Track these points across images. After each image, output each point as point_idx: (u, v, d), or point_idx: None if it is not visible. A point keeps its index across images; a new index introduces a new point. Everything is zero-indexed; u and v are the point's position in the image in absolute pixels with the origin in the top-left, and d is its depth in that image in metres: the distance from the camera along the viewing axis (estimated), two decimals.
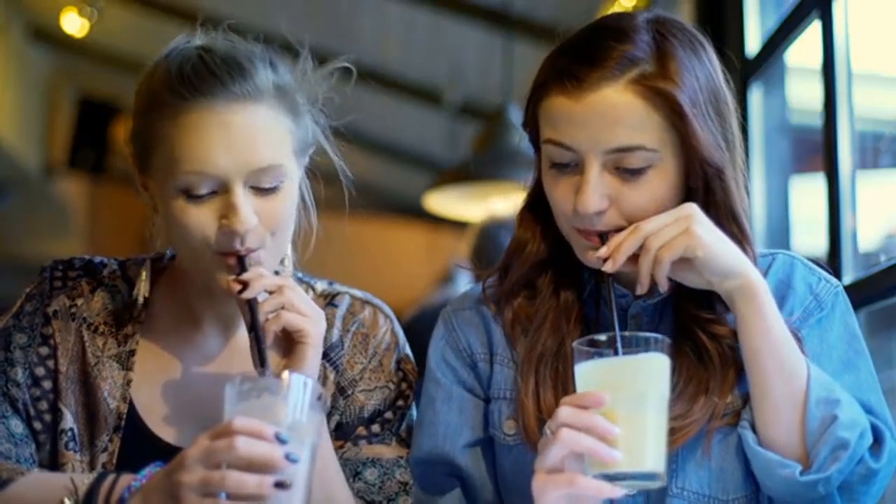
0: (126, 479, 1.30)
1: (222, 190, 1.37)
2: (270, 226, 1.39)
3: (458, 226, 5.71)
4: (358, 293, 1.60)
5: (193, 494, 1.17)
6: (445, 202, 4.66)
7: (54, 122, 7.76)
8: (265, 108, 1.39)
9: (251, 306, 1.36)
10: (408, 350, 1.60)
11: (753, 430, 1.33)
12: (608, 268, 1.33)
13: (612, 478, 1.19)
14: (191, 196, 1.37)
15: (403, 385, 1.56)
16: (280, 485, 1.16)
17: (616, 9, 3.77)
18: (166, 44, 1.46)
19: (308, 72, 1.49)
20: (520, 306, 1.47)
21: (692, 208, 1.32)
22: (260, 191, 1.38)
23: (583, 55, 1.34)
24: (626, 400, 1.20)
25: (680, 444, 1.34)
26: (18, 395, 1.45)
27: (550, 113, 1.35)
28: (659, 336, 1.23)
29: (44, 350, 1.48)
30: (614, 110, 1.31)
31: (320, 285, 1.59)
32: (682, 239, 1.30)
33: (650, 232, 1.31)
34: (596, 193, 1.33)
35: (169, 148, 1.37)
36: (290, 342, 1.39)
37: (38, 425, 1.46)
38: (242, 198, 1.36)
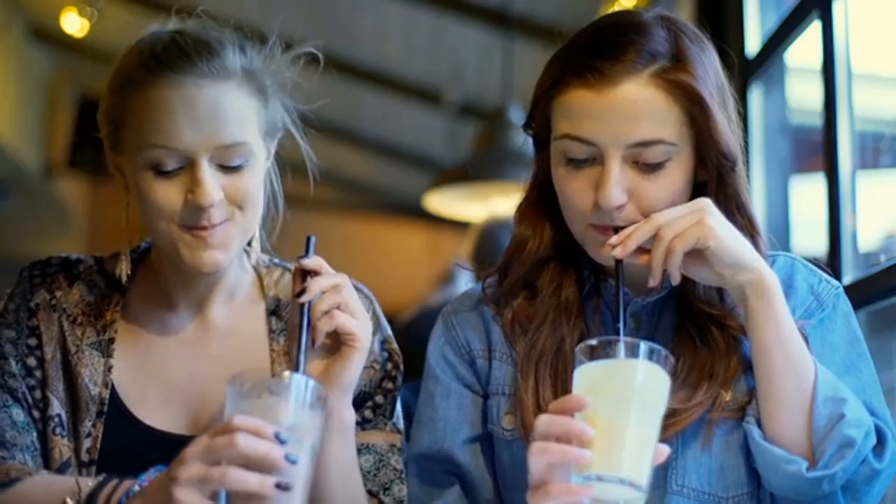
0: (129, 483, 1.31)
1: (188, 165, 1.40)
2: (237, 201, 1.42)
3: (458, 226, 5.71)
4: None
5: (190, 489, 1.16)
6: (445, 202, 4.66)
7: (54, 122, 7.75)
8: (233, 88, 1.42)
9: (301, 309, 1.35)
10: (390, 332, 1.60)
11: (758, 425, 1.33)
12: (618, 253, 1.32)
13: (588, 479, 1.15)
14: (158, 171, 1.40)
15: (389, 365, 1.57)
16: (280, 486, 1.16)
17: (616, 9, 3.77)
18: None
19: (276, 56, 1.51)
20: (519, 306, 1.47)
21: (705, 202, 1.33)
22: (226, 168, 1.41)
23: (604, 49, 1.34)
24: (606, 403, 1.17)
25: (681, 427, 1.34)
26: (16, 385, 1.47)
27: (569, 108, 1.35)
28: (658, 347, 1.19)
29: (32, 341, 1.50)
30: (636, 105, 1.32)
31: None
32: (695, 230, 1.30)
33: (663, 222, 1.31)
34: (618, 187, 1.33)
35: (137, 123, 1.41)
36: (334, 343, 1.38)
37: (36, 414, 1.47)
38: (207, 173, 1.39)
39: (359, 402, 1.52)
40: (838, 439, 1.28)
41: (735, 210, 1.39)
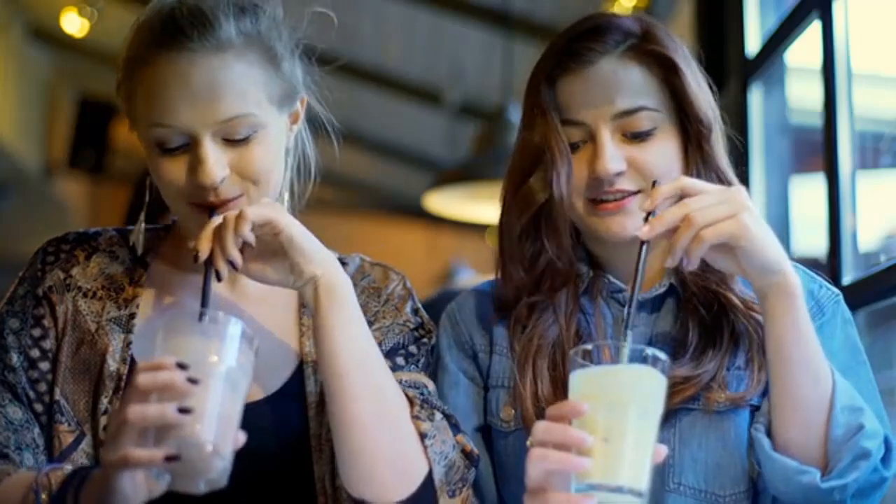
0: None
1: (192, 142, 1.39)
2: (249, 175, 1.40)
3: (458, 226, 5.72)
4: (368, 258, 1.62)
5: (115, 443, 1.16)
6: (445, 202, 4.66)
7: (54, 122, 7.76)
8: (230, 59, 1.39)
9: (206, 271, 1.33)
10: (420, 304, 1.58)
11: (767, 434, 1.33)
12: (644, 233, 1.26)
13: (590, 489, 1.14)
14: (163, 149, 1.40)
15: (421, 331, 1.54)
16: (182, 410, 1.14)
17: (616, 9, 3.77)
18: None
19: (279, 18, 1.48)
20: (520, 310, 1.49)
21: (742, 193, 1.29)
22: (232, 142, 1.39)
23: (578, 35, 1.43)
24: (604, 409, 1.15)
25: (688, 395, 1.35)
26: (15, 380, 1.44)
27: (560, 98, 1.43)
28: (654, 351, 1.16)
29: (36, 332, 1.47)
30: (615, 76, 1.40)
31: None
32: (730, 225, 1.25)
33: (696, 208, 1.26)
34: (613, 156, 1.39)
35: (142, 101, 1.41)
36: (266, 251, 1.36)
37: (39, 407, 1.44)
38: (209, 150, 1.37)
39: (391, 351, 1.49)
40: (855, 450, 1.28)
41: (715, 178, 1.41)
